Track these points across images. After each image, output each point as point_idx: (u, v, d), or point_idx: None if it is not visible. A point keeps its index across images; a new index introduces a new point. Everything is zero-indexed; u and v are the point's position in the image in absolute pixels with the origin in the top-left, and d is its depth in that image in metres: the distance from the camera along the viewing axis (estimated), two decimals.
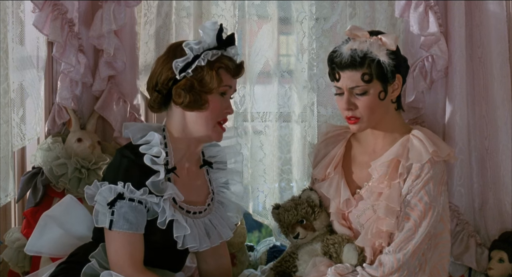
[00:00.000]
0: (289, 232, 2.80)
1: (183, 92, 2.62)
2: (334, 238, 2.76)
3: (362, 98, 2.70)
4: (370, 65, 2.67)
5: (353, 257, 2.70)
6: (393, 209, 2.67)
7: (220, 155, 2.87)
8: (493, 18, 3.27)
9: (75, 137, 3.35)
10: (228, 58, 2.67)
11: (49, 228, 2.81)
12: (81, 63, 3.32)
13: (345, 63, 2.67)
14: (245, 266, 3.45)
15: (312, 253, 2.79)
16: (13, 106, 3.37)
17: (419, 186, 2.69)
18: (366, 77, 2.68)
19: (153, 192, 2.58)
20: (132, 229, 2.57)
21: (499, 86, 3.28)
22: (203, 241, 2.67)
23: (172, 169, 2.66)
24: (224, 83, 2.65)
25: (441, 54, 3.22)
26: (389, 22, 3.38)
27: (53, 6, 3.25)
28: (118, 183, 2.56)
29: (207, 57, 2.61)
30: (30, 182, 3.33)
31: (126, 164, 2.60)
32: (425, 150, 2.70)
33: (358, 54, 2.66)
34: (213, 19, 3.40)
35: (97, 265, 2.58)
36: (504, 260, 3.21)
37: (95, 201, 2.59)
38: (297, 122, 3.45)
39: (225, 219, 2.81)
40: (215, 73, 2.62)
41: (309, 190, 2.86)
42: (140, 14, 3.47)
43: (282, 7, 3.44)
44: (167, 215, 2.59)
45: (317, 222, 2.80)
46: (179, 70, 2.61)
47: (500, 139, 3.30)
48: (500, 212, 3.31)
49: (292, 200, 2.87)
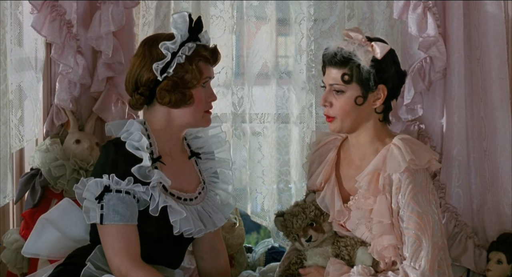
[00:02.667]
0: (300, 236, 2.76)
1: (167, 93, 2.62)
2: (345, 241, 2.73)
3: (338, 97, 2.70)
4: (352, 67, 2.67)
5: (368, 259, 2.67)
6: (385, 223, 2.64)
7: (206, 145, 2.86)
8: (491, 19, 3.27)
9: (73, 139, 3.35)
10: (203, 47, 2.67)
11: (46, 230, 2.80)
12: (79, 64, 3.32)
13: (329, 59, 2.69)
14: (244, 268, 3.45)
15: (324, 255, 2.76)
16: (12, 107, 3.37)
17: (407, 199, 2.63)
18: (345, 77, 2.68)
19: (139, 180, 2.57)
20: (124, 220, 2.55)
21: (498, 88, 3.28)
22: (197, 225, 2.65)
23: (158, 158, 2.66)
24: (205, 75, 2.66)
25: (440, 55, 3.22)
26: (387, 24, 3.39)
27: (51, 7, 3.25)
28: (103, 176, 2.56)
29: (184, 52, 2.62)
30: (28, 184, 3.33)
31: (110, 156, 2.60)
32: (402, 159, 2.64)
33: (343, 53, 2.67)
34: (211, 20, 3.41)
35: (93, 268, 2.57)
36: (503, 262, 3.21)
37: (84, 198, 2.59)
38: (295, 124, 3.44)
39: (218, 207, 2.79)
40: (195, 67, 2.63)
41: (313, 193, 2.83)
42: (138, 15, 3.47)
43: (280, 8, 3.44)
44: (159, 202, 2.58)
45: (326, 223, 2.77)
46: (159, 71, 2.61)
47: (498, 140, 3.30)
48: (498, 214, 3.30)
49: (297, 205, 2.83)
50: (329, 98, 2.71)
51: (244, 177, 3.45)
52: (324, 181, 2.81)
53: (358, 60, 2.66)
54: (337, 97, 2.70)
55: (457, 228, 3.30)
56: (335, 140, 2.88)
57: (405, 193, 2.64)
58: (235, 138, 3.44)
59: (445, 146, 3.31)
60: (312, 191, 2.84)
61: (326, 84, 2.73)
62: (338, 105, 2.70)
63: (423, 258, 2.61)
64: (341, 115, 2.71)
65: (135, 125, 2.65)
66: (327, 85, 2.72)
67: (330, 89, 2.71)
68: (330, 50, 2.70)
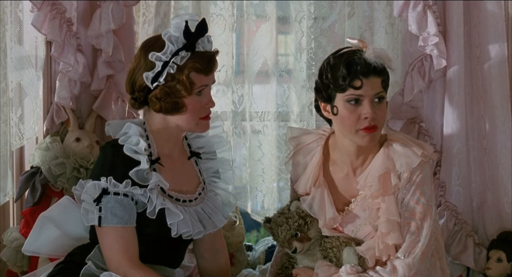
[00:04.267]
0: (285, 247, 2.75)
1: (158, 101, 2.59)
2: (331, 241, 2.72)
3: (379, 105, 2.65)
4: (386, 72, 2.67)
5: (353, 260, 2.66)
6: (394, 221, 2.64)
7: (208, 145, 2.85)
8: (491, 17, 3.27)
9: (74, 137, 3.35)
10: (198, 55, 2.59)
11: (46, 228, 2.80)
12: (79, 62, 3.32)
13: (372, 69, 2.61)
14: (244, 266, 3.45)
15: (312, 258, 2.76)
16: (12, 105, 3.38)
17: (414, 189, 2.66)
18: (384, 84, 2.65)
19: (137, 183, 2.57)
20: (122, 222, 2.56)
21: (498, 86, 3.28)
22: (195, 227, 2.64)
23: (156, 159, 2.65)
24: (197, 85, 2.60)
25: (440, 53, 3.22)
26: (387, 22, 3.39)
27: (51, 6, 3.25)
28: (101, 178, 2.56)
29: (176, 62, 2.56)
30: (28, 182, 3.33)
31: (108, 158, 2.60)
32: (413, 154, 2.66)
33: (379, 61, 2.63)
34: (211, 18, 3.41)
35: (94, 267, 2.57)
36: (503, 260, 3.21)
37: (82, 200, 2.59)
38: (295, 122, 3.44)
39: (218, 208, 2.78)
40: (186, 78, 2.57)
41: (297, 201, 2.78)
42: (138, 13, 3.47)
43: (281, 7, 3.44)
44: (156, 204, 2.57)
45: (311, 231, 2.74)
46: (150, 80, 2.59)
47: (498, 138, 3.29)
48: (498, 212, 3.30)
49: (282, 213, 2.78)
50: (373, 109, 2.63)
51: (244, 175, 3.45)
52: (313, 185, 2.77)
53: (389, 67, 2.66)
54: (378, 106, 2.65)
55: (457, 226, 3.30)
56: (319, 140, 2.83)
57: (413, 184, 2.66)
58: (235, 136, 3.44)
59: (445, 144, 3.31)
60: (296, 199, 2.80)
61: (366, 95, 2.62)
62: (381, 114, 2.65)
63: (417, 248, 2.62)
64: (382, 123, 2.67)
65: (133, 128, 2.64)
66: (366, 96, 2.62)
67: (370, 100, 2.63)
68: (370, 60, 2.61)
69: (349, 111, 2.64)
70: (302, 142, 2.85)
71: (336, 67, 2.64)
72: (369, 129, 2.63)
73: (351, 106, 2.63)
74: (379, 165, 2.69)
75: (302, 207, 2.75)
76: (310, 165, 2.80)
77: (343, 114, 2.65)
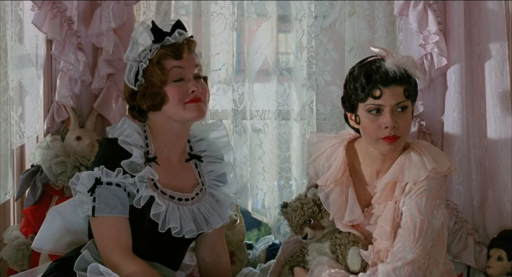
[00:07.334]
0: (297, 232, 2.77)
1: (142, 99, 2.64)
2: (341, 238, 2.72)
3: (402, 115, 2.62)
4: (410, 81, 2.62)
5: (356, 262, 2.66)
6: (384, 228, 2.63)
7: (210, 149, 2.86)
8: (492, 16, 3.27)
9: (74, 135, 3.35)
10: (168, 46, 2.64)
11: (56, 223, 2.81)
12: (80, 61, 3.32)
13: (392, 78, 2.58)
14: (244, 264, 3.45)
15: (320, 251, 2.76)
16: (12, 104, 3.38)
17: (411, 201, 2.62)
18: (407, 93, 2.61)
19: (128, 172, 2.58)
20: (114, 212, 2.56)
21: (498, 84, 3.28)
22: (186, 225, 2.64)
23: (153, 158, 2.66)
24: (168, 68, 2.62)
25: (440, 52, 3.22)
26: (388, 20, 3.39)
27: (52, 4, 3.26)
28: (94, 168, 2.59)
29: (147, 57, 2.63)
30: (29, 180, 3.33)
31: (103, 150, 2.64)
32: (423, 167, 2.63)
33: (401, 69, 2.60)
34: (212, 17, 3.41)
35: (90, 257, 2.57)
36: (503, 258, 3.22)
37: (78, 191, 2.61)
38: (296, 120, 3.45)
39: (215, 209, 2.77)
40: (156, 66, 2.62)
41: (315, 188, 2.80)
42: (139, 12, 3.47)
43: (281, 5, 3.44)
44: (143, 194, 2.58)
45: (325, 220, 2.76)
46: (132, 82, 2.65)
47: (499, 137, 3.29)
48: (499, 210, 3.31)
49: (299, 199, 2.82)
50: (394, 118, 2.60)
51: (244, 174, 3.45)
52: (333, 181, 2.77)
53: (414, 75, 2.63)
54: (400, 115, 2.61)
55: (457, 225, 3.30)
56: (341, 142, 2.83)
57: (412, 197, 2.63)
58: (236, 135, 3.44)
59: (446, 143, 3.31)
60: (314, 186, 2.82)
61: (387, 105, 2.59)
62: (403, 124, 2.61)
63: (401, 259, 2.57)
64: (406, 132, 2.64)
65: (128, 122, 2.67)
66: (388, 106, 2.59)
67: (392, 109, 2.60)
68: (390, 69, 2.58)
69: (370, 121, 2.62)
70: (323, 147, 2.86)
71: (357, 76, 2.63)
72: (390, 138, 2.61)
73: (372, 115, 2.62)
74: (390, 173, 2.68)
75: (319, 195, 2.77)
76: (334, 165, 2.79)
77: (364, 124, 2.64)
